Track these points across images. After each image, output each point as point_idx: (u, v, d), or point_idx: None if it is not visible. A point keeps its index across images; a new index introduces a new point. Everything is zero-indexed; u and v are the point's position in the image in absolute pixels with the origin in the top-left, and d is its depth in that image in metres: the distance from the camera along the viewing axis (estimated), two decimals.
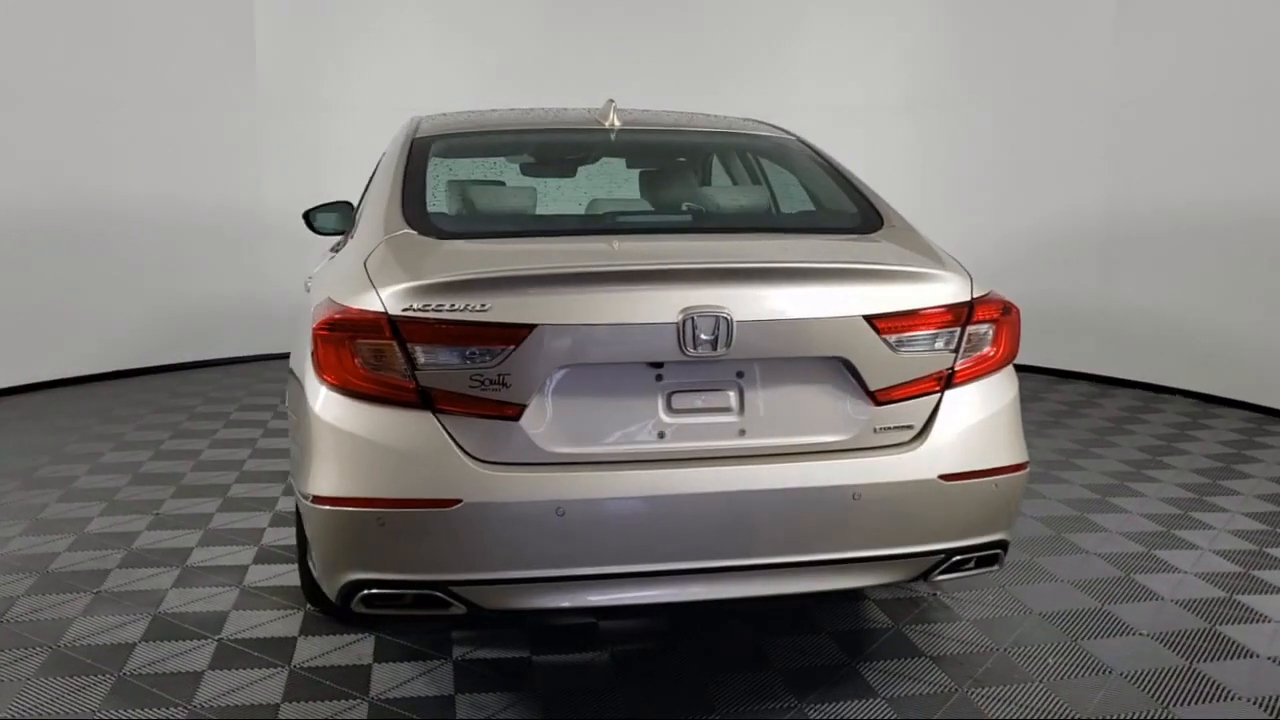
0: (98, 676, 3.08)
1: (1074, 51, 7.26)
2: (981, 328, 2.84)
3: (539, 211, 3.37)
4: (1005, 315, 2.89)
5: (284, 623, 3.45)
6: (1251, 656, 3.25)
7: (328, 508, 2.63)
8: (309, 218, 5.17)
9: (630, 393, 2.66)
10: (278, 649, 3.27)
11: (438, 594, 2.61)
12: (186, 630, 3.38)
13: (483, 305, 2.56)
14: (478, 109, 4.52)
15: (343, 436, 2.63)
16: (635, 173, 3.87)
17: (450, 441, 2.58)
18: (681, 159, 3.89)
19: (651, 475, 2.60)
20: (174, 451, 5.47)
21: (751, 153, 3.78)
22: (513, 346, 2.57)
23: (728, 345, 2.60)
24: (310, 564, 3.07)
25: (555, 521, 2.55)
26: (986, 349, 2.85)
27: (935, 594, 3.66)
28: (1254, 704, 2.96)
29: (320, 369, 2.69)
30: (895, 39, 7.88)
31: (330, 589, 2.75)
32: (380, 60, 8.10)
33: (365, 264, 2.83)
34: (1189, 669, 3.16)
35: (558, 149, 4.03)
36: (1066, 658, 3.23)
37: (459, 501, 2.54)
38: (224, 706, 2.92)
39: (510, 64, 8.19)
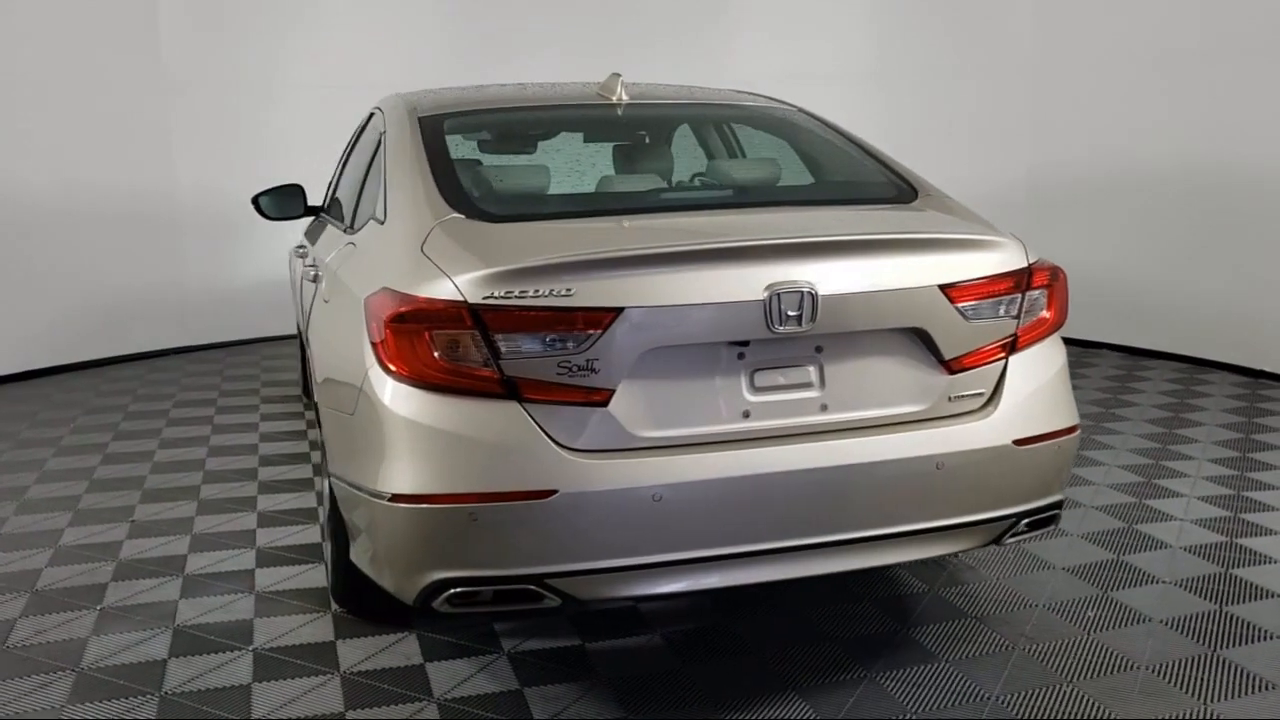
0: (139, 699, 2.90)
1: (997, 22, 7.45)
2: (1036, 293, 2.89)
3: (581, 190, 3.28)
4: (1055, 280, 2.94)
5: (314, 627, 3.31)
6: (1273, 596, 3.40)
7: (411, 506, 2.52)
8: (258, 203, 4.99)
9: (714, 372, 2.62)
10: (319, 655, 3.13)
11: (532, 588, 2.54)
12: (215, 642, 3.21)
13: (568, 290, 2.49)
14: (451, 86, 4.39)
15: (424, 431, 2.52)
16: (659, 147, 3.80)
17: (540, 431, 2.50)
18: (703, 133, 3.84)
19: (742, 455, 2.57)
20: (124, 454, 5.18)
21: (768, 125, 3.75)
22: (600, 330, 2.50)
23: (812, 320, 2.58)
24: (360, 564, 2.95)
25: (651, 507, 2.50)
26: (1042, 313, 2.91)
27: (957, 557, 3.73)
28: None
29: (390, 362, 2.57)
30: (822, 11, 7.94)
31: (407, 590, 2.64)
32: (295, 36, 7.78)
33: (423, 250, 2.72)
34: (1220, 612, 3.30)
35: (572, 125, 3.94)
36: (1103, 609, 3.33)
37: (555, 492, 2.47)
38: (293, 717, 2.79)
39: (442, 37, 7.98)
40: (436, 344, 2.52)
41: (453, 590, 2.56)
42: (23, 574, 3.75)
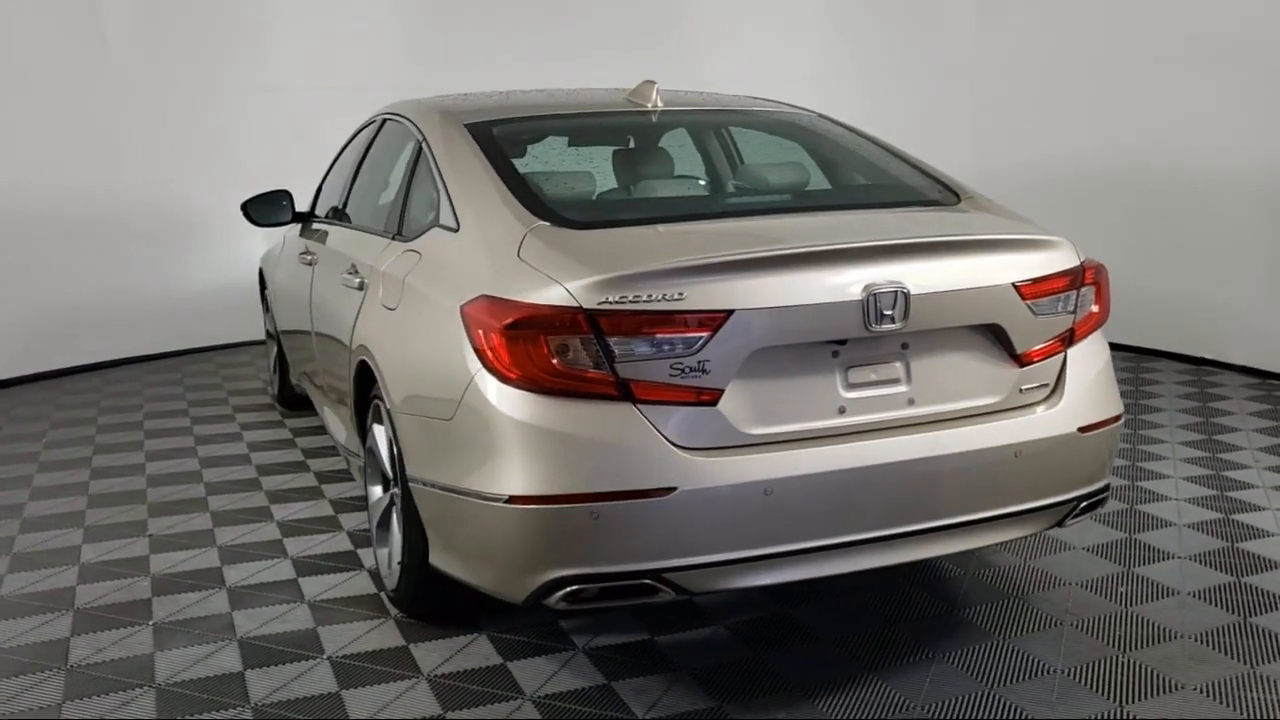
0: (230, 712, 2.89)
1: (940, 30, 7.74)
2: (1087, 289, 3.07)
3: (648, 195, 3.36)
4: (1100, 276, 3.13)
5: (380, 633, 3.32)
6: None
7: (530, 507, 2.58)
8: (246, 210, 4.97)
9: (812, 371, 2.73)
10: (397, 660, 3.15)
11: (648, 582, 2.62)
12: (286, 653, 3.20)
13: (679, 293, 2.57)
14: (452, 93, 4.42)
15: (542, 434, 2.58)
16: (705, 153, 3.89)
17: (655, 431, 2.58)
18: (744, 139, 3.94)
19: (843, 450, 2.69)
20: (113, 468, 5.06)
21: (800, 130, 3.87)
22: (711, 332, 2.59)
23: (905, 318, 2.71)
24: (447, 567, 2.98)
25: (762, 501, 2.61)
26: (1092, 308, 3.09)
27: None
28: None
29: (504, 368, 2.62)
30: (774, 18, 8.13)
31: (518, 589, 2.70)
32: (245, 37, 7.64)
33: (521, 257, 2.77)
34: (1239, 583, 3.54)
35: (617, 132, 4.00)
36: (1134, 585, 3.55)
37: (674, 489, 2.55)
38: None
39: (398, 41, 7.93)
40: (553, 349, 2.58)
41: (571, 587, 2.62)
42: (56, 592, 3.66)
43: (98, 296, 7.26)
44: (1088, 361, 3.06)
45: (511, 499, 2.60)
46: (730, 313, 2.59)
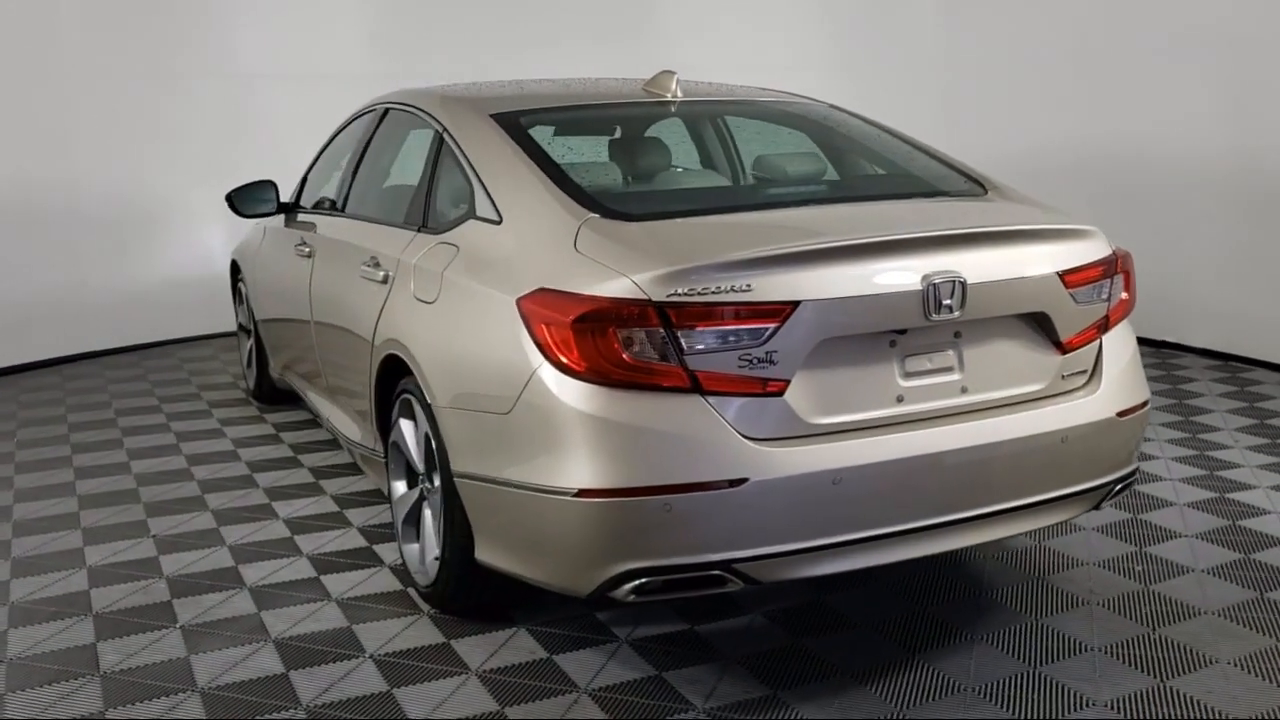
0: (282, 714, 2.84)
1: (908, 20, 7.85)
2: (1118, 277, 3.15)
3: (692, 186, 3.35)
4: (1128, 264, 3.21)
5: (417, 630, 3.29)
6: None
7: (602, 500, 2.58)
8: (232, 200, 4.91)
9: (871, 360, 2.77)
10: (441, 656, 3.13)
11: (718, 573, 2.63)
12: (326, 652, 3.16)
13: (747, 285, 2.58)
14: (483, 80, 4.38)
15: (612, 427, 2.58)
16: (734, 144, 3.89)
17: (725, 422, 2.59)
18: (772, 131, 3.94)
19: (905, 438, 2.74)
20: (96, 467, 4.92)
21: (821, 122, 3.89)
22: (778, 324, 2.61)
23: (962, 307, 2.76)
24: (495, 562, 2.97)
25: (831, 490, 2.64)
26: (1122, 295, 3.17)
27: None
28: None
29: (570, 361, 2.61)
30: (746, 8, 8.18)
31: (584, 583, 2.70)
32: (195, 24, 7.45)
33: (578, 250, 2.76)
34: (1248, 560, 3.67)
35: (640, 122, 3.98)
36: (1149, 564, 3.65)
37: (746, 480, 2.57)
38: None
39: (355, 30, 7.80)
40: (622, 342, 2.57)
41: (640, 580, 2.62)
42: (69, 597, 3.56)
43: (50, 290, 7.03)
44: (1120, 347, 3.14)
45: (581, 492, 2.59)
46: (797, 304, 2.61)
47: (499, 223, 3.09)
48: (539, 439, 2.69)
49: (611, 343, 2.58)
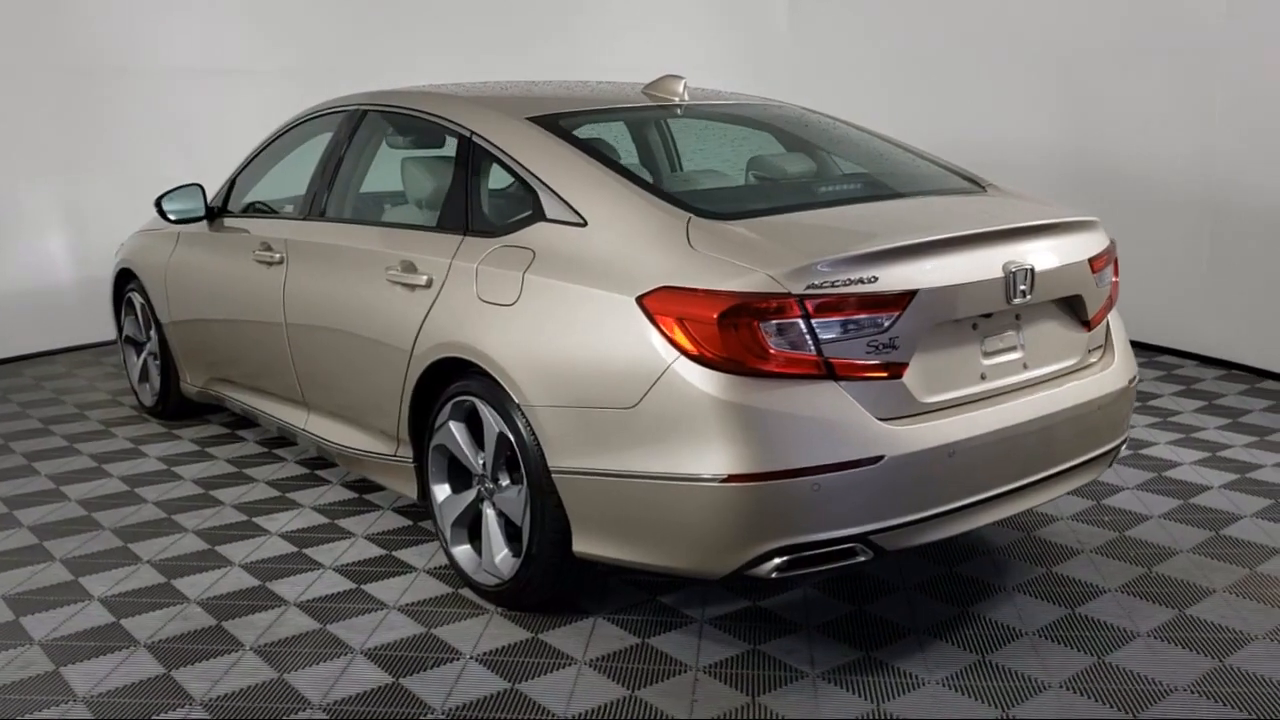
0: (428, 717, 2.83)
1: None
2: (1114, 261, 3.59)
3: (759, 186, 3.53)
4: (1115, 251, 3.66)
5: (498, 628, 3.33)
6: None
7: (752, 484, 2.74)
8: (161, 205, 4.78)
9: (961, 342, 3.07)
10: (540, 650, 3.20)
11: (855, 545, 2.85)
12: (423, 659, 3.16)
13: (873, 276, 2.82)
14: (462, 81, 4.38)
15: (758, 415, 2.75)
16: (779, 145, 4.06)
17: (858, 405, 2.81)
18: (785, 133, 4.13)
19: (997, 410, 3.06)
20: (21, 497, 4.55)
21: (830, 126, 4.13)
22: (899, 312, 2.86)
23: (1032, 292, 3.10)
24: (602, 553, 3.07)
25: (947, 462, 2.92)
26: (1115, 278, 3.61)
27: None
28: None
29: (713, 353, 2.76)
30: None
31: (723, 565, 2.86)
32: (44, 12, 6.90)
33: (694, 247, 2.90)
34: (1189, 505, 4.23)
35: (655, 126, 4.09)
36: (1174, 532, 4.14)
37: (882, 457, 2.80)
38: (591, 710, 2.88)
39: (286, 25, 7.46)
40: (766, 333, 2.74)
41: (785, 557, 2.81)
42: (101, 630, 3.35)
43: None
44: (1118, 324, 3.59)
45: (730, 478, 2.74)
46: (915, 293, 2.86)
47: (583, 225, 3.17)
48: (676, 430, 2.82)
49: (756, 334, 2.75)
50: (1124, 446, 3.62)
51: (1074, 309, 3.36)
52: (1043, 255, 3.16)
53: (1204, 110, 6.13)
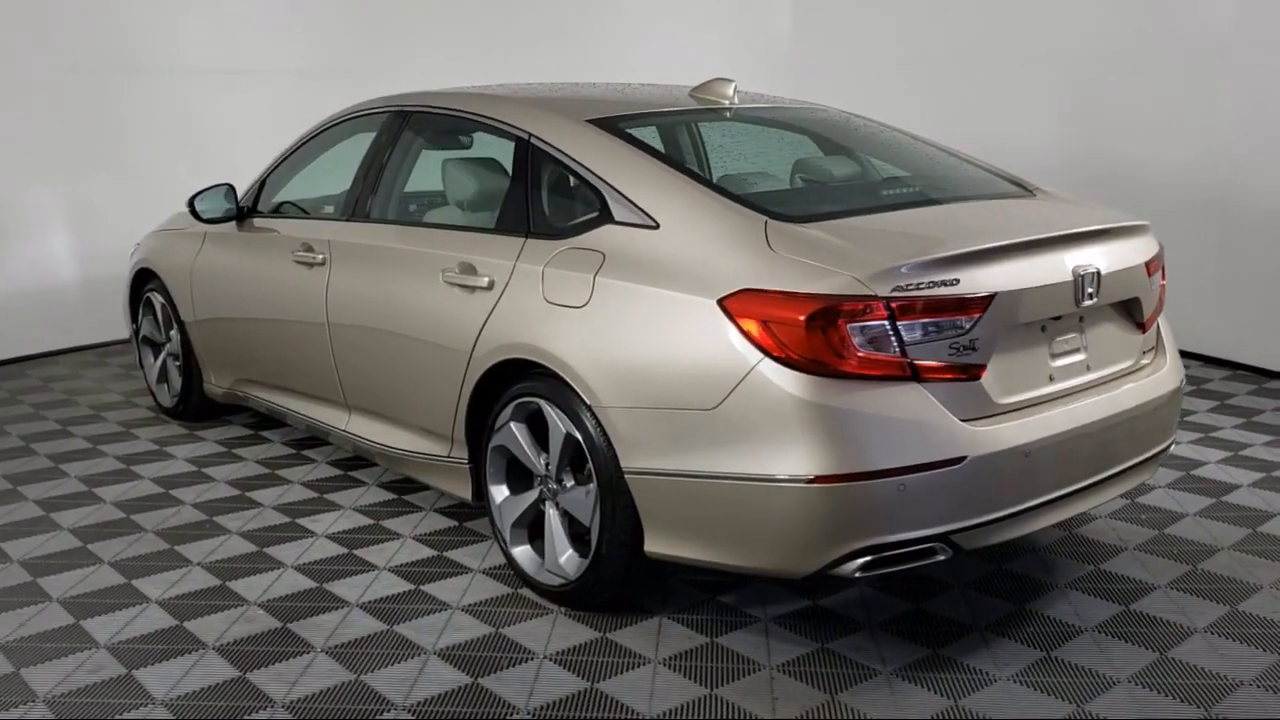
0: (515, 717, 2.85)
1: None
2: (1163, 265, 3.66)
3: (819, 189, 3.57)
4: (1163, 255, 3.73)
5: (566, 628, 3.35)
6: None
7: (839, 485, 2.78)
8: (193, 205, 4.78)
9: (1031, 344, 3.12)
10: (612, 649, 3.22)
11: (935, 544, 2.90)
12: (497, 659, 3.17)
13: (955, 279, 2.87)
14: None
15: (845, 416, 2.79)
16: (823, 149, 4.09)
17: (940, 406, 2.86)
18: (840, 137, 4.16)
19: (1067, 410, 3.12)
20: (55, 499, 4.51)
21: (877, 130, 4.18)
22: (979, 314, 2.91)
23: (1097, 295, 3.16)
24: (680, 552, 3.10)
25: (1023, 462, 2.97)
26: (1163, 281, 3.69)
27: None
28: None
29: (799, 355, 2.79)
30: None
31: (807, 564, 2.90)
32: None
33: (775, 250, 2.94)
34: (1222, 502, 4.31)
35: (724, 130, 4.12)
36: (1213, 530, 4.22)
37: (964, 458, 2.85)
38: (674, 709, 2.91)
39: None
40: (853, 335, 2.78)
41: (869, 556, 2.85)
42: (166, 634, 3.34)
43: None
44: (1167, 327, 3.66)
45: (817, 478, 2.78)
46: (994, 296, 2.91)
47: (655, 227, 3.19)
48: (760, 431, 2.85)
49: (843, 336, 2.79)
50: (1172, 447, 3.69)
51: (1130, 312, 3.43)
52: (1106, 259, 3.22)
53: (1211, 113, 6.25)
